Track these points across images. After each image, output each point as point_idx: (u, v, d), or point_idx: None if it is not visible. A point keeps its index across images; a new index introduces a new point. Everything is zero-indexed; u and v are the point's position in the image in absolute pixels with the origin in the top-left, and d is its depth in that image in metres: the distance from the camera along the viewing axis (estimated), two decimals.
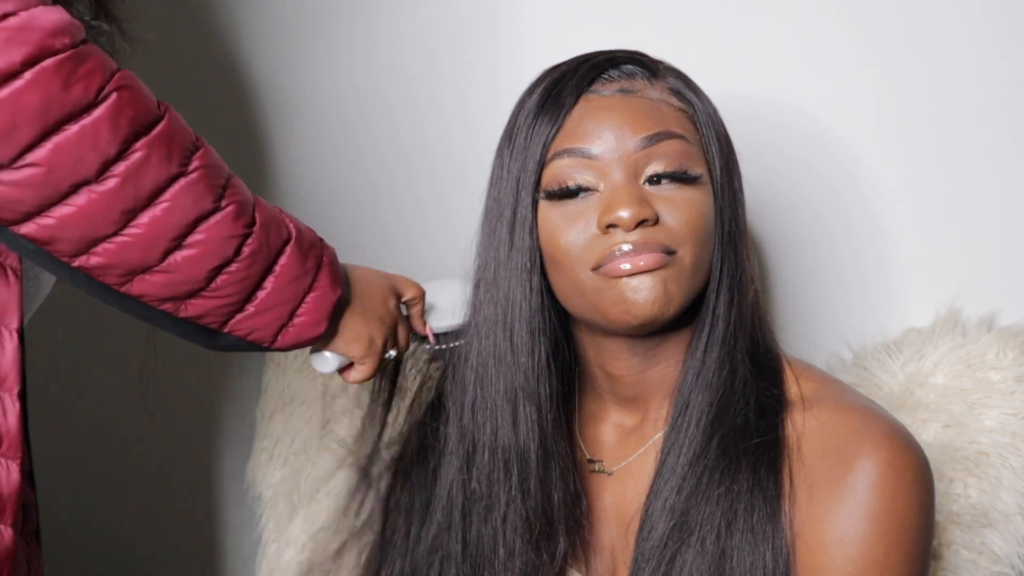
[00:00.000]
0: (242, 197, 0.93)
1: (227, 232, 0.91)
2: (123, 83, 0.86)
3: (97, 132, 0.84)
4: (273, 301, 0.95)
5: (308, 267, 0.97)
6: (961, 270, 1.35)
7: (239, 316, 0.95)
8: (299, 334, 0.99)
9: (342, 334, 1.03)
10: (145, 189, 0.86)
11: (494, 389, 1.01)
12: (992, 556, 1.21)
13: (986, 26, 1.33)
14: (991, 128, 1.34)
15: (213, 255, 0.90)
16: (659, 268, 0.94)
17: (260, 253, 0.93)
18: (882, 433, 0.93)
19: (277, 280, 0.95)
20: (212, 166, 0.91)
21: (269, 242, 0.94)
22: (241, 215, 0.92)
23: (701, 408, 0.98)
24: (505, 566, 1.02)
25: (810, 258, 1.41)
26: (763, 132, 1.37)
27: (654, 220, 0.95)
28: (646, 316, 0.94)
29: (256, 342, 0.98)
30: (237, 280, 0.92)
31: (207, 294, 0.92)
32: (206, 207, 0.89)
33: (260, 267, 0.94)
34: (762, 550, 0.93)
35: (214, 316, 0.94)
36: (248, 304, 0.95)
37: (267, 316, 0.96)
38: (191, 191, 0.89)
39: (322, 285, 0.98)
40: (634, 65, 1.00)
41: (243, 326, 0.96)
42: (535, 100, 1.00)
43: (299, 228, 0.98)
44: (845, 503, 0.92)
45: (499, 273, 1.00)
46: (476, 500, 1.03)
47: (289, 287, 0.96)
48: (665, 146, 0.96)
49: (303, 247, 0.97)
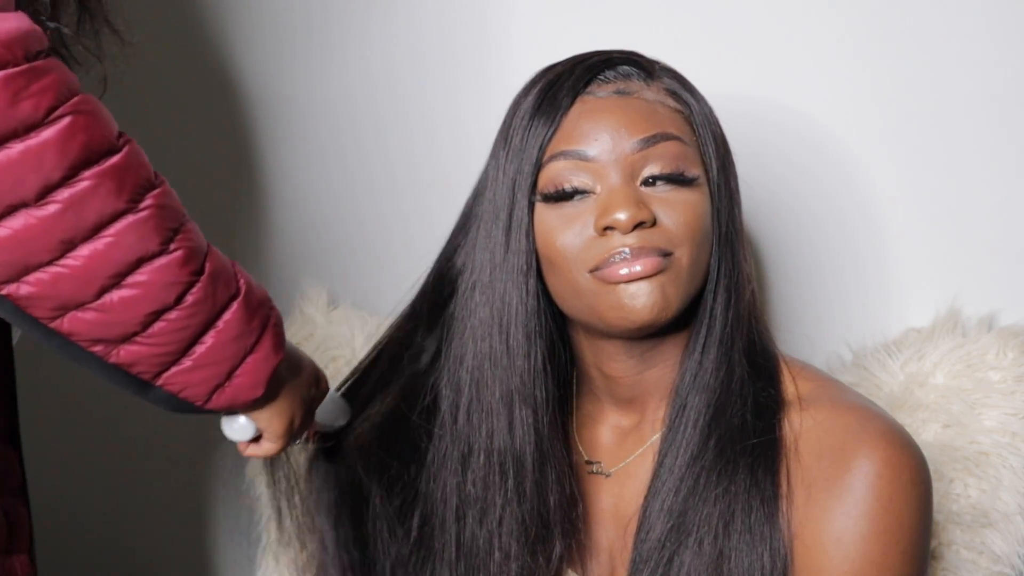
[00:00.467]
0: (194, 244, 0.88)
1: (171, 277, 0.86)
2: (80, 108, 0.81)
3: (42, 154, 0.79)
4: (212, 357, 0.90)
5: (253, 327, 0.92)
6: (961, 270, 1.35)
7: (174, 369, 0.89)
8: (235, 395, 0.93)
9: (271, 406, 0.99)
10: (88, 220, 0.81)
11: (489, 392, 1.01)
12: (992, 556, 1.20)
13: (985, 26, 1.33)
14: (991, 128, 1.33)
15: (152, 299, 0.85)
16: (657, 273, 0.94)
17: (204, 304, 0.88)
18: (880, 433, 0.93)
19: (219, 336, 0.90)
20: (166, 207, 0.86)
21: (215, 295, 0.89)
22: (189, 262, 0.87)
23: (698, 409, 0.98)
24: (500, 569, 1.02)
25: (810, 258, 1.41)
26: (761, 132, 1.37)
27: (651, 222, 0.94)
28: (644, 321, 0.94)
29: (188, 400, 0.91)
30: (176, 329, 0.87)
31: (142, 340, 0.86)
32: (151, 248, 0.85)
33: (202, 319, 0.88)
34: (760, 551, 0.93)
35: (147, 365, 0.88)
36: (185, 357, 0.89)
37: (204, 372, 0.90)
38: (138, 229, 0.84)
39: (265, 347, 0.93)
40: (630, 66, 1.00)
41: (177, 380, 0.90)
42: (531, 101, 0.99)
43: (250, 285, 0.93)
44: (843, 503, 0.92)
45: (495, 276, 1.00)
46: (471, 503, 1.03)
47: (231, 344, 0.90)
48: (662, 148, 0.96)
49: (251, 305, 0.92)
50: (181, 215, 0.88)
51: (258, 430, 1.01)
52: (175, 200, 0.88)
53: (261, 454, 1.03)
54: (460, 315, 1.05)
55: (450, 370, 1.06)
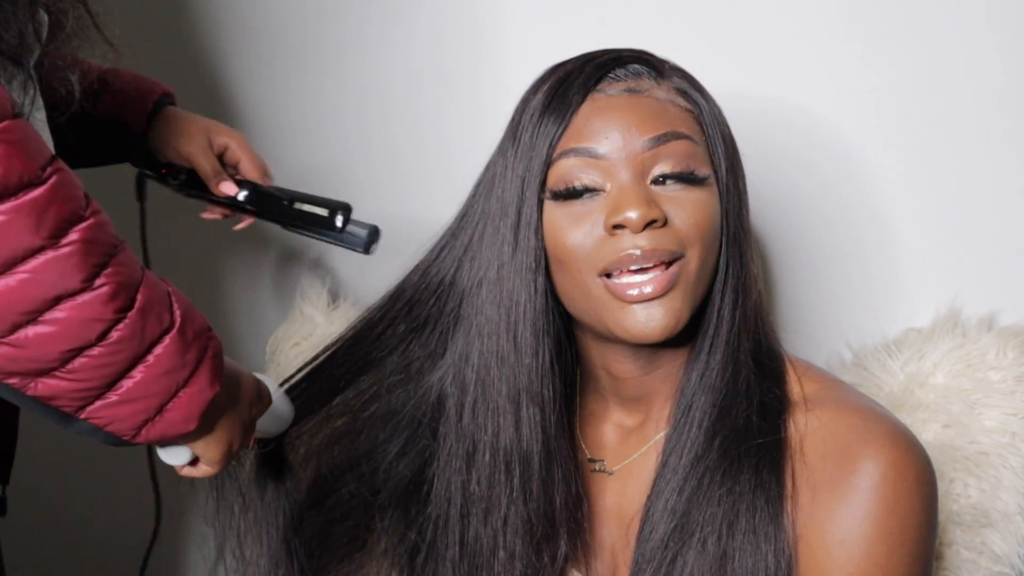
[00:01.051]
0: (124, 279, 0.83)
1: (93, 314, 0.81)
2: (8, 137, 0.77)
3: None
4: (141, 392, 0.85)
5: (187, 360, 0.87)
6: (961, 270, 1.35)
7: (99, 403, 0.85)
8: (165, 430, 0.88)
9: (207, 436, 0.94)
10: (1, 256, 0.77)
11: (495, 390, 1.00)
12: (992, 556, 1.21)
13: (988, 27, 1.33)
14: (992, 129, 1.34)
15: (71, 337, 0.81)
16: (667, 292, 0.94)
17: (131, 341, 0.83)
18: (885, 434, 0.93)
19: (149, 371, 0.85)
20: (93, 242, 0.81)
21: (145, 330, 0.84)
22: (115, 298, 0.82)
23: (704, 409, 0.98)
24: (505, 568, 1.01)
25: (811, 258, 1.41)
26: (766, 131, 1.37)
27: (662, 221, 0.94)
28: (653, 340, 0.94)
29: (114, 433, 0.87)
30: (98, 365, 0.83)
31: (61, 375, 0.82)
32: (72, 286, 0.80)
33: (128, 355, 0.84)
34: (764, 551, 0.93)
35: (67, 400, 0.84)
36: (111, 392, 0.85)
37: (131, 407, 0.86)
38: (58, 266, 0.79)
39: (200, 381, 0.89)
40: (641, 65, 0.99)
41: (102, 415, 0.85)
42: (540, 99, 0.99)
43: (186, 316, 0.88)
44: (848, 504, 0.92)
45: (502, 273, 0.99)
46: (475, 501, 1.03)
47: (162, 379, 0.86)
48: (672, 147, 0.96)
49: (186, 338, 0.87)
50: (112, 248, 0.83)
51: (195, 455, 0.97)
52: (107, 233, 0.83)
53: (199, 475, 0.99)
54: (466, 312, 1.04)
55: (455, 368, 1.05)
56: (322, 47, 1.53)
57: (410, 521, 1.10)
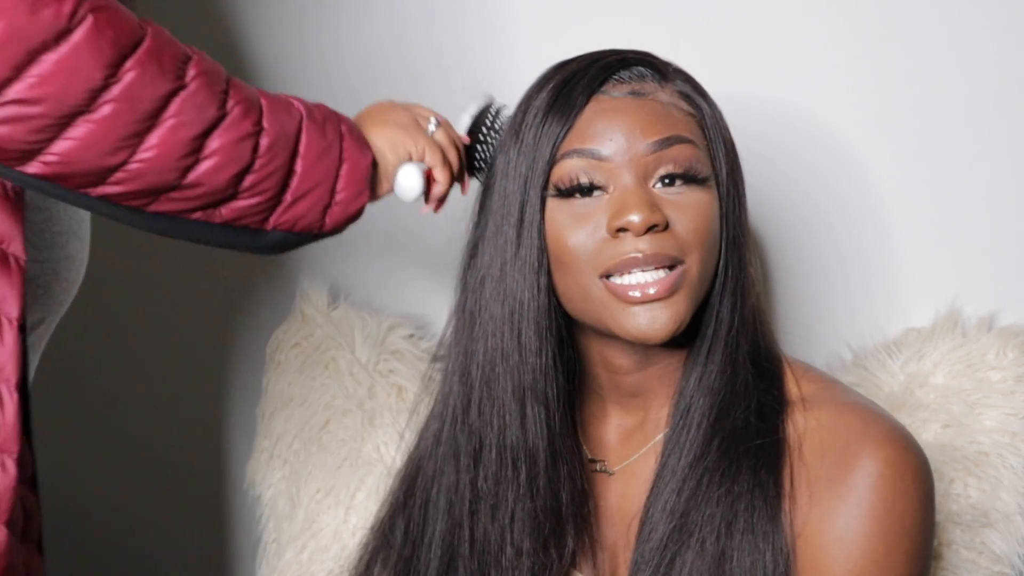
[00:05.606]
0: (245, 94, 0.90)
1: (239, 133, 0.88)
2: (97, 3, 0.82)
3: (78, 58, 0.81)
4: (308, 184, 0.93)
5: (330, 139, 0.94)
6: (961, 270, 1.35)
7: (279, 209, 0.92)
8: (345, 210, 0.97)
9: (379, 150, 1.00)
10: (144, 110, 0.84)
11: (500, 388, 1.01)
12: (992, 556, 1.21)
13: (987, 28, 1.33)
14: (992, 129, 1.34)
15: (230, 161, 0.88)
16: (671, 295, 0.94)
17: (279, 143, 0.91)
18: (883, 433, 0.93)
19: (305, 160, 0.93)
20: (208, 72, 0.88)
21: (284, 129, 0.91)
22: (248, 114, 0.89)
23: (702, 411, 0.98)
24: (513, 565, 1.02)
25: (811, 258, 1.41)
26: (765, 131, 1.37)
27: (664, 226, 0.94)
28: (655, 342, 0.95)
29: (306, 230, 0.95)
30: (264, 176, 0.90)
31: (239, 197, 0.90)
32: (212, 115, 0.87)
33: (282, 156, 0.91)
34: (762, 550, 0.93)
35: (251, 216, 0.91)
36: (285, 194, 0.92)
37: (307, 202, 0.93)
38: (193, 102, 0.86)
39: (350, 154, 0.96)
40: (645, 67, 0.99)
41: (286, 217, 0.93)
42: (544, 99, 0.99)
43: (307, 105, 0.95)
44: (846, 503, 0.92)
45: (505, 271, 0.99)
46: (482, 499, 1.03)
47: (319, 164, 0.93)
48: (675, 151, 0.96)
49: (317, 121, 0.94)
50: (223, 74, 0.90)
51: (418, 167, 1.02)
52: (212, 63, 0.89)
53: (444, 180, 1.05)
54: (471, 309, 1.04)
55: (462, 365, 1.05)
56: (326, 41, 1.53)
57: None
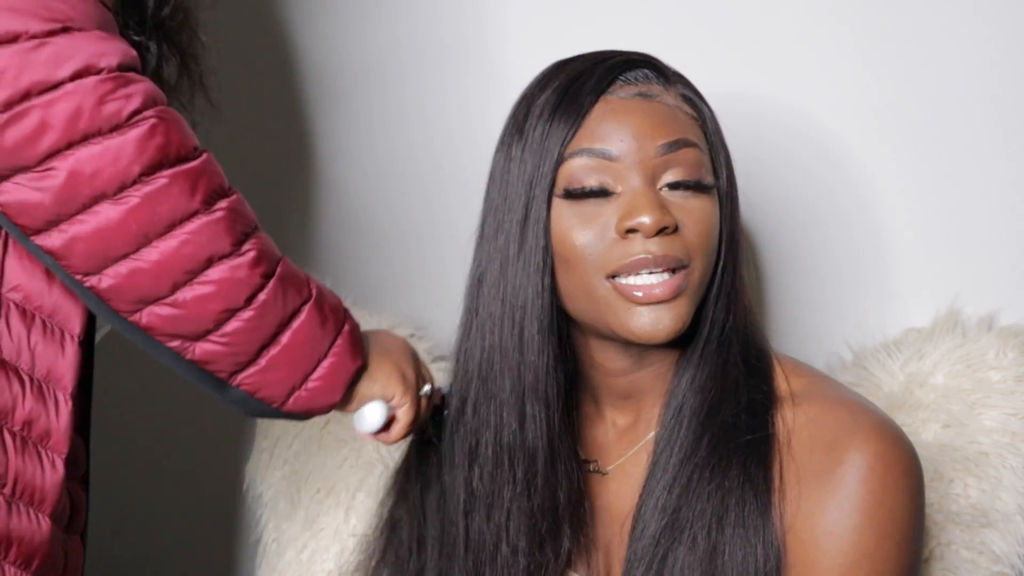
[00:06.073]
0: (265, 247, 0.93)
1: (242, 275, 0.90)
2: (163, 115, 0.88)
3: (120, 150, 0.85)
4: (286, 358, 0.94)
5: (327, 330, 0.96)
6: (961, 270, 1.35)
7: (250, 369, 0.94)
8: (312, 399, 0.97)
9: (374, 376, 1.02)
10: (162, 217, 0.87)
11: (498, 387, 1.01)
12: (992, 556, 1.20)
13: (985, 28, 1.33)
14: (991, 128, 1.34)
15: (223, 296, 0.90)
16: (674, 298, 0.94)
17: (274, 305, 0.92)
18: (871, 427, 0.93)
19: (293, 337, 0.94)
20: (238, 212, 0.91)
21: (286, 297, 0.93)
22: (260, 263, 0.91)
23: (694, 409, 0.99)
24: (508, 564, 1.02)
25: (810, 258, 1.41)
26: (762, 132, 1.37)
27: (673, 228, 0.95)
28: (657, 342, 0.95)
29: (265, 400, 0.96)
30: (248, 329, 0.92)
31: (216, 338, 0.91)
32: (223, 248, 0.90)
33: (273, 320, 0.93)
34: (753, 544, 0.93)
35: (222, 364, 0.93)
36: (260, 358, 0.93)
37: (279, 373, 0.94)
38: (210, 229, 0.89)
39: (339, 352, 0.97)
40: (649, 69, 0.99)
41: (253, 380, 0.94)
42: (549, 98, 0.98)
43: (321, 291, 0.97)
44: (835, 496, 0.92)
45: (506, 270, 0.99)
46: (478, 497, 1.03)
47: (304, 347, 0.95)
48: (683, 154, 0.96)
49: (323, 310, 0.96)
50: (254, 223, 0.93)
51: (389, 410, 1.03)
52: (247, 209, 0.93)
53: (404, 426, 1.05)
54: (468, 307, 1.04)
55: (459, 364, 1.05)
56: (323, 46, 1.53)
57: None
